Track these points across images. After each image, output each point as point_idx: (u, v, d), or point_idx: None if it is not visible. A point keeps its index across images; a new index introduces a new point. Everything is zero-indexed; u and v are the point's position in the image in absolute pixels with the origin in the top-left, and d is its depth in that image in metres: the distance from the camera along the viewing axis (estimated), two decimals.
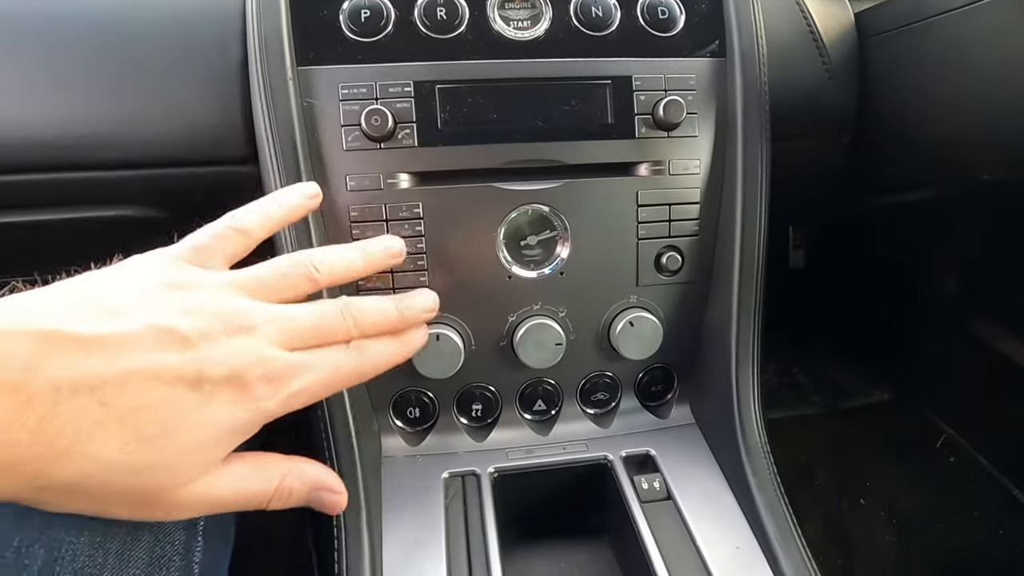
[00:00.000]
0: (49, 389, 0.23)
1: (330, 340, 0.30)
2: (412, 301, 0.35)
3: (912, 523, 0.71)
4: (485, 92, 0.41)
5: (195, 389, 0.25)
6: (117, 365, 0.24)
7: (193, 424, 0.25)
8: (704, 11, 0.44)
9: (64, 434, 0.23)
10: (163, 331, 0.25)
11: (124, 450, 0.24)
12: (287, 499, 0.30)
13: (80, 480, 0.24)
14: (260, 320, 0.28)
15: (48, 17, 0.43)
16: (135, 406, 0.24)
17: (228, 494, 0.28)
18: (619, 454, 0.45)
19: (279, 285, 0.30)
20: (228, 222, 0.32)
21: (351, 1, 0.40)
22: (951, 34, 0.44)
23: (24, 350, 0.23)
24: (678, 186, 0.44)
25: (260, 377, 0.27)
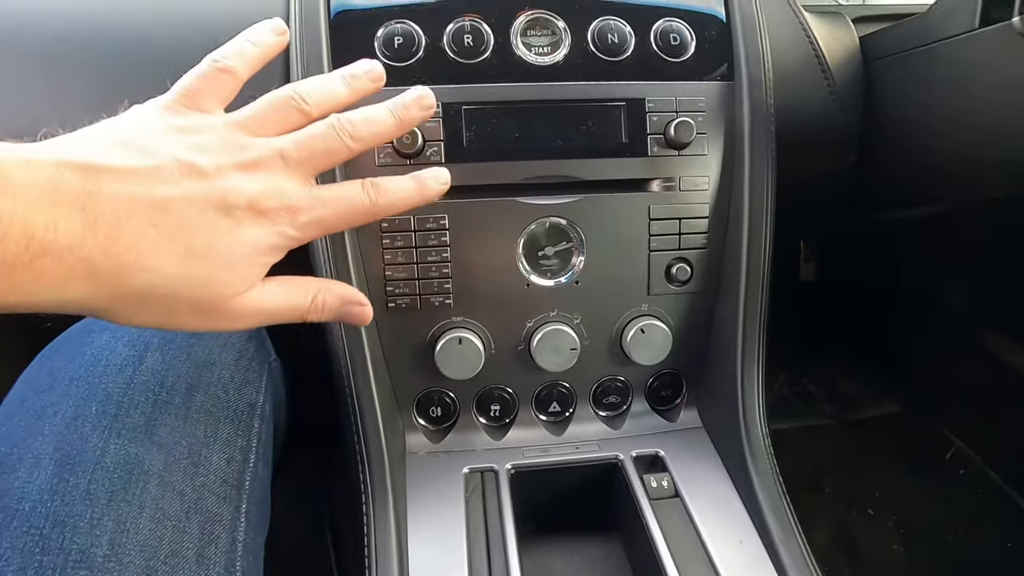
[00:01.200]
0: (110, 210, 0.25)
1: (331, 159, 0.32)
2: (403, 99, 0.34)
3: (920, 534, 0.71)
4: (508, 113, 0.43)
5: (225, 214, 0.28)
6: (156, 192, 0.26)
7: (231, 242, 0.28)
8: (713, 38, 0.46)
9: (130, 250, 0.26)
10: (185, 165, 0.28)
11: (180, 264, 0.27)
12: (321, 311, 0.33)
13: (150, 290, 0.27)
14: (262, 153, 0.30)
15: (106, 41, 0.45)
16: (180, 227, 0.27)
17: (273, 304, 0.31)
18: (630, 454, 0.47)
19: (271, 118, 0.31)
20: (210, 63, 0.32)
21: (385, 28, 0.43)
22: (952, 60, 0.46)
23: (80, 178, 0.25)
24: (688, 201, 0.46)
25: (277, 206, 0.29)
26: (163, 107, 0.30)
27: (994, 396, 0.72)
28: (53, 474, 0.29)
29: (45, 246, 0.23)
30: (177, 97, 0.31)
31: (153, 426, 0.32)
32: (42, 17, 0.45)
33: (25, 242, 0.23)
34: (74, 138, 0.27)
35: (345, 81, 0.34)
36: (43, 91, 0.44)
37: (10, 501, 0.28)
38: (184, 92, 0.31)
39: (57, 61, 0.45)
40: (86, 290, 0.25)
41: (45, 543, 0.27)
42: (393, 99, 0.34)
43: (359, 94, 0.35)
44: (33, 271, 0.23)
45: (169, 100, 0.31)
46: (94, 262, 0.25)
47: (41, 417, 0.31)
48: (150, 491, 0.30)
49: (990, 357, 0.71)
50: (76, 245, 0.24)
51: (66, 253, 0.24)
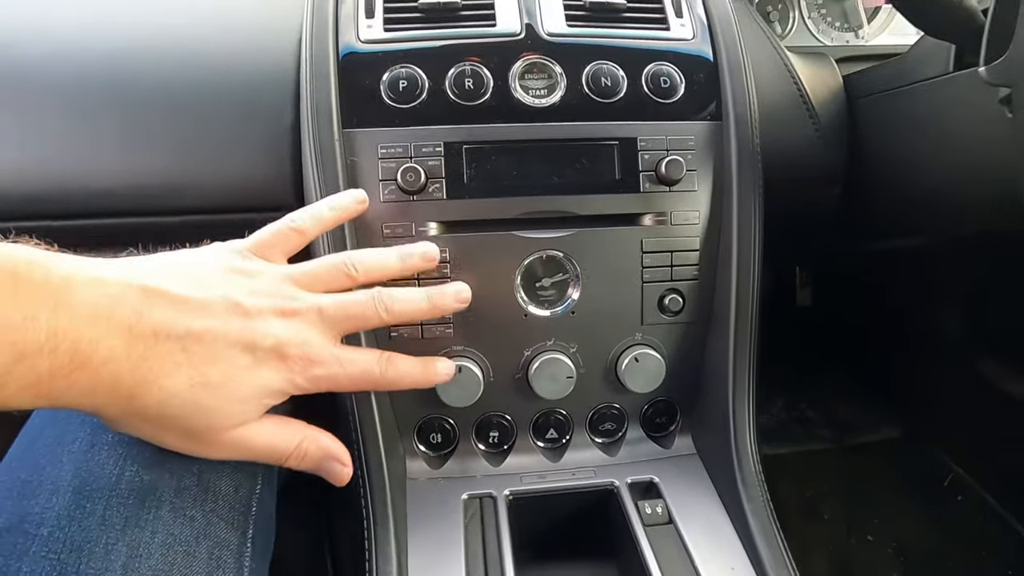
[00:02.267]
0: (151, 332, 0.28)
1: (362, 324, 0.35)
2: (443, 290, 0.39)
3: (919, 561, 0.71)
4: (506, 152, 0.45)
5: (249, 353, 0.31)
6: (199, 322, 0.30)
7: (243, 380, 0.31)
8: (702, 80, 0.48)
9: (152, 370, 0.28)
10: (233, 303, 0.31)
11: (191, 390, 0.29)
12: (302, 460, 0.35)
13: (156, 408, 0.29)
14: (302, 305, 0.33)
15: (129, 81, 0.48)
16: (206, 356, 0.30)
17: (260, 444, 0.33)
18: (625, 481, 0.47)
19: (322, 278, 0.35)
20: (287, 222, 0.37)
21: (391, 73, 0.45)
22: (929, 100, 0.48)
23: (135, 299, 0.28)
24: (679, 235, 0.47)
25: (298, 354, 0.32)
26: (234, 250, 0.35)
27: (992, 422, 0.73)
28: (71, 500, 0.30)
29: (85, 360, 0.26)
30: (249, 246, 0.36)
31: (165, 454, 0.34)
32: (62, 62, 0.48)
33: (71, 355, 0.25)
34: (143, 260, 0.31)
35: (400, 258, 0.39)
36: (62, 133, 0.47)
37: (29, 527, 0.29)
38: (256, 243, 0.36)
39: (76, 103, 0.47)
40: (105, 401, 0.28)
41: (63, 568, 0.28)
42: (433, 288, 0.39)
43: (410, 271, 0.40)
44: (68, 381, 0.26)
45: (242, 246, 0.35)
46: (120, 377, 0.27)
47: (60, 444, 0.33)
48: (162, 517, 0.32)
49: (988, 383, 0.72)
50: (111, 360, 0.27)
51: (101, 367, 0.27)
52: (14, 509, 0.30)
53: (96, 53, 0.48)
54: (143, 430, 0.31)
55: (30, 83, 0.47)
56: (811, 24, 0.69)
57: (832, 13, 0.69)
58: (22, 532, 0.29)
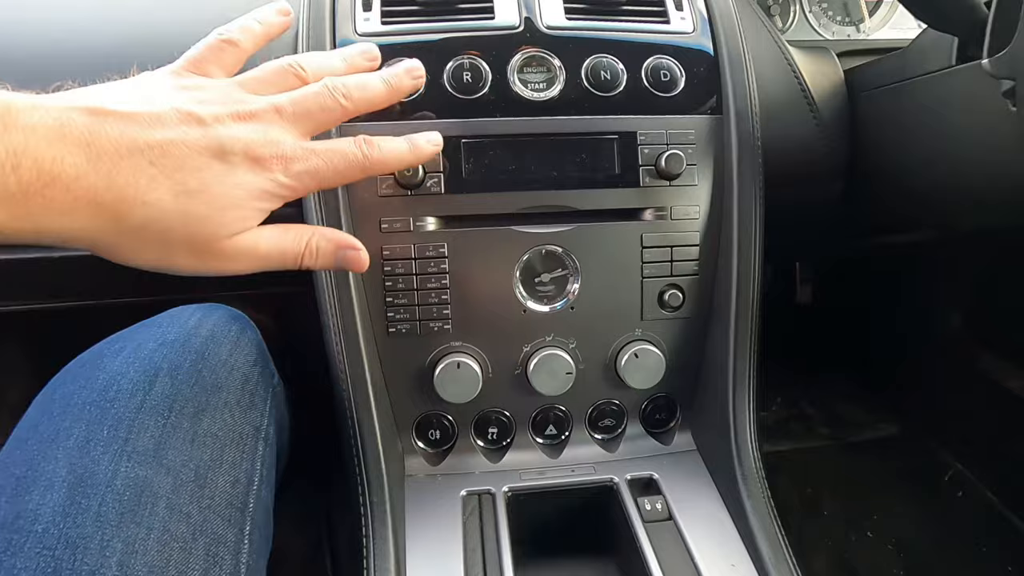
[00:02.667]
0: (111, 148, 0.27)
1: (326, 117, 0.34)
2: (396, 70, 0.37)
3: (919, 557, 0.71)
4: (505, 146, 0.45)
5: (220, 159, 0.30)
6: (156, 135, 0.29)
7: (226, 184, 0.30)
8: (702, 74, 0.48)
9: (129, 184, 0.28)
10: (184, 113, 0.30)
11: (176, 200, 0.29)
12: (316, 257, 0.34)
13: (148, 223, 0.29)
14: (259, 106, 0.32)
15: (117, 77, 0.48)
16: (176, 167, 0.29)
17: (267, 248, 0.33)
18: (624, 477, 0.47)
19: (272, 80, 0.34)
20: (215, 35, 0.35)
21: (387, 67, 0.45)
22: (930, 94, 0.48)
23: (82, 119, 0.27)
24: (679, 230, 0.47)
25: (271, 154, 0.31)
26: (170, 71, 0.33)
27: (992, 418, 0.73)
28: (66, 496, 0.30)
29: (54, 175, 0.26)
30: (184, 64, 0.33)
31: (162, 449, 0.33)
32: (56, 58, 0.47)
33: (36, 171, 0.25)
34: (84, 89, 0.30)
35: (343, 57, 0.37)
36: None
37: (24, 523, 0.29)
38: (190, 60, 0.34)
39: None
40: (92, 221, 0.28)
41: (57, 564, 0.28)
42: (386, 68, 0.37)
43: (353, 69, 0.37)
44: (44, 199, 0.26)
45: (176, 67, 0.33)
46: (97, 193, 0.27)
47: (55, 440, 0.33)
48: (158, 513, 0.31)
49: (987, 379, 0.72)
50: (81, 176, 0.27)
51: (72, 183, 0.26)
52: (8, 505, 0.30)
53: (89, 48, 0.48)
54: (149, 255, 0.30)
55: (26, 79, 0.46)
56: (812, 18, 0.68)
57: (833, 7, 0.69)
58: (17, 528, 0.29)
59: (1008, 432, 0.70)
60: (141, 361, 0.37)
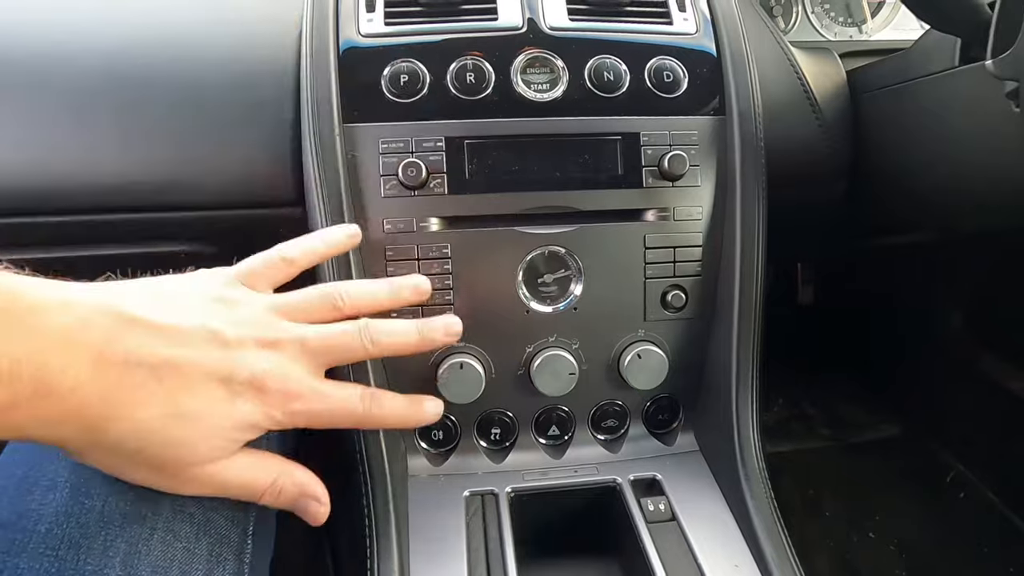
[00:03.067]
0: (122, 359, 0.27)
1: (346, 356, 0.34)
2: (432, 323, 0.37)
3: (920, 557, 0.71)
4: (508, 147, 0.45)
5: (225, 385, 0.30)
6: (176, 351, 0.29)
7: (219, 413, 0.30)
8: (705, 75, 0.48)
9: (125, 400, 0.27)
10: (211, 332, 0.30)
11: (163, 422, 0.28)
12: (277, 497, 0.33)
13: (125, 441, 0.28)
14: (284, 336, 0.32)
15: (126, 78, 0.48)
16: (181, 386, 0.28)
17: (233, 480, 0.32)
18: (627, 478, 0.47)
19: (308, 309, 0.34)
20: (277, 252, 0.36)
21: (391, 67, 0.45)
22: (933, 96, 0.48)
23: (107, 324, 0.27)
24: (682, 231, 0.47)
25: (276, 388, 0.31)
26: (219, 278, 0.34)
27: (993, 419, 0.73)
28: (69, 496, 0.30)
29: (49, 388, 0.25)
30: (236, 273, 0.34)
31: None
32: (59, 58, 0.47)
33: (33, 384, 0.24)
34: (122, 285, 0.30)
35: (390, 291, 0.37)
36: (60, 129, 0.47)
37: (27, 523, 0.29)
38: (243, 272, 0.35)
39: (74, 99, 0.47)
40: (71, 432, 0.27)
41: (61, 564, 0.28)
42: (424, 320, 0.37)
43: (400, 304, 0.38)
44: (31, 411, 0.25)
45: (228, 273, 0.34)
46: (88, 406, 0.26)
47: None
48: (161, 513, 0.31)
49: (989, 380, 0.72)
50: (78, 388, 0.26)
51: (67, 396, 0.25)
52: (11, 505, 0.30)
53: (94, 48, 0.48)
54: (110, 463, 0.30)
55: (28, 79, 0.47)
56: (815, 19, 0.68)
57: (836, 8, 0.69)
58: (20, 528, 0.29)
59: (1010, 433, 0.70)
60: None
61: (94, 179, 0.47)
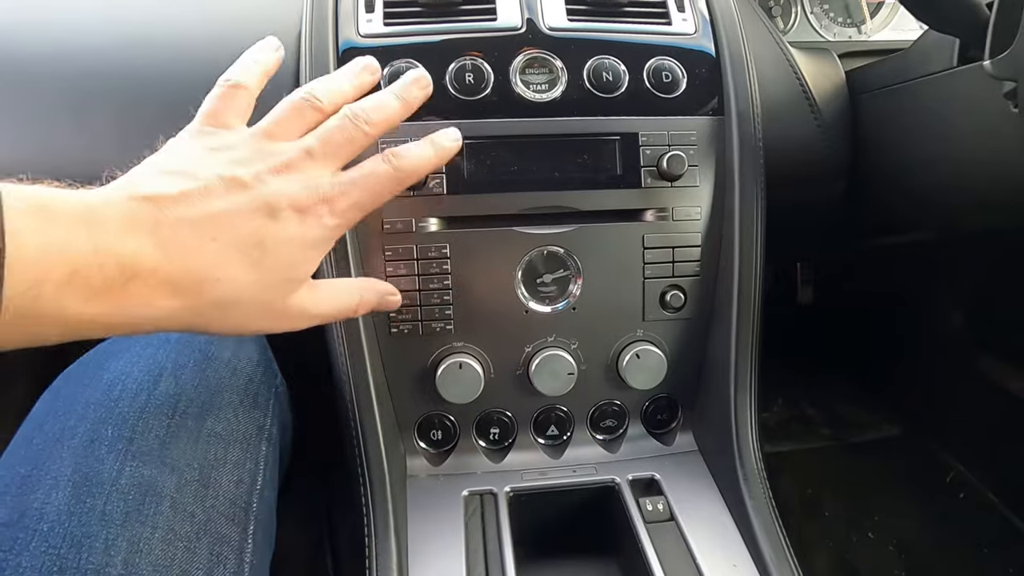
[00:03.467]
0: (175, 233, 0.28)
1: (353, 148, 0.35)
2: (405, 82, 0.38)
3: (921, 558, 0.71)
4: (507, 147, 0.45)
5: (271, 217, 0.31)
6: (209, 209, 0.30)
7: (281, 243, 0.31)
8: (704, 75, 0.48)
9: (201, 265, 0.29)
10: (227, 180, 0.31)
11: (243, 271, 0.30)
12: (367, 307, 0.38)
13: (224, 298, 0.30)
14: (291, 155, 0.33)
15: (125, 78, 0.47)
16: (235, 236, 0.30)
17: (330, 307, 0.35)
18: (626, 477, 0.47)
19: (292, 122, 0.34)
20: (222, 83, 0.36)
21: (390, 67, 0.45)
22: (931, 96, 0.48)
23: (145, 209, 0.28)
24: (681, 231, 0.47)
25: (315, 201, 0.32)
26: (194, 132, 0.34)
27: (993, 419, 0.73)
28: (71, 495, 0.30)
29: (135, 271, 0.27)
30: (203, 119, 0.34)
31: (166, 449, 0.34)
32: (57, 57, 0.47)
33: (118, 269, 0.26)
34: (133, 175, 0.31)
35: (349, 78, 0.38)
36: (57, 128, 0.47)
37: (30, 521, 0.29)
38: (207, 114, 0.34)
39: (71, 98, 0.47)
40: (173, 306, 0.29)
41: (62, 563, 0.28)
42: (394, 83, 0.38)
43: (363, 88, 0.39)
44: (128, 294, 0.27)
45: (196, 125, 0.34)
46: (173, 280, 0.28)
47: (60, 440, 0.33)
48: (163, 512, 0.32)
49: (988, 381, 0.72)
50: (158, 267, 0.28)
51: (150, 276, 0.27)
52: (14, 504, 0.30)
53: (93, 48, 0.48)
54: (230, 324, 0.32)
55: (25, 78, 0.47)
56: (813, 19, 0.68)
57: (835, 8, 0.69)
58: (22, 527, 0.29)
59: (1009, 433, 0.70)
60: (145, 361, 0.37)
61: (91, 179, 0.47)
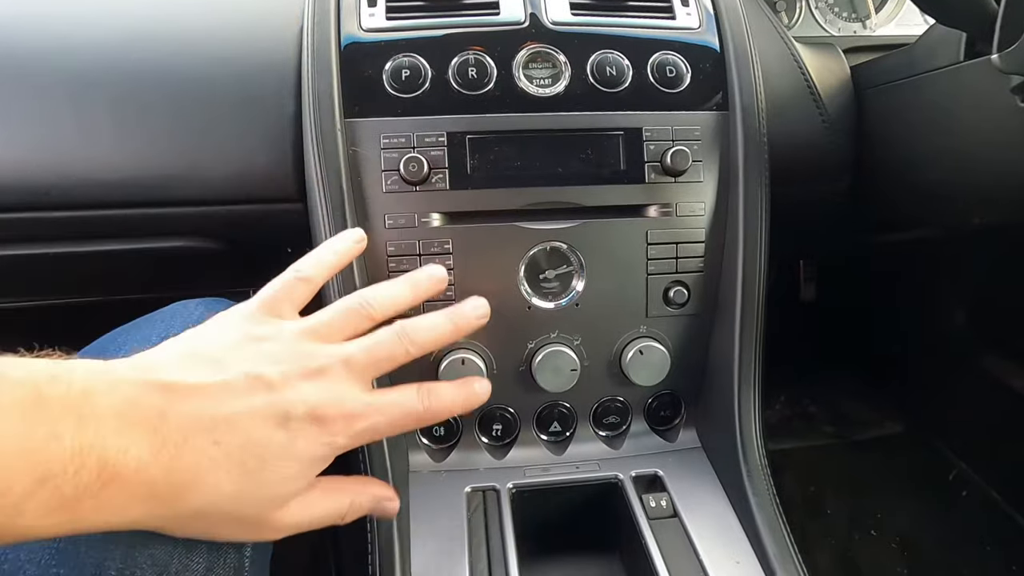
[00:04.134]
0: (178, 432, 0.26)
1: (391, 364, 0.33)
2: (462, 309, 0.37)
3: (923, 556, 0.71)
4: (510, 142, 0.45)
5: (283, 427, 0.29)
6: (225, 408, 0.28)
7: (283, 457, 0.29)
8: (708, 70, 0.48)
9: (189, 470, 0.27)
10: (254, 378, 0.29)
11: (234, 482, 0.28)
12: (357, 513, 0.34)
13: (202, 508, 0.28)
14: (328, 362, 0.31)
15: (127, 72, 0.47)
16: (240, 443, 0.28)
17: (315, 515, 0.32)
18: (629, 474, 0.47)
19: (341, 326, 0.33)
20: (292, 273, 0.35)
21: (393, 62, 0.45)
22: (937, 91, 0.47)
23: (156, 399, 0.27)
24: (684, 226, 0.47)
25: (336, 414, 0.30)
26: (245, 315, 0.33)
27: (996, 417, 0.73)
28: None
29: (116, 472, 0.25)
30: (258, 305, 0.33)
31: None
32: (59, 51, 0.47)
33: (97, 471, 0.24)
34: (158, 353, 0.30)
35: (411, 287, 0.37)
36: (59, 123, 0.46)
37: None
38: (265, 301, 0.34)
39: (74, 93, 0.46)
40: (142, 512, 0.26)
41: (61, 556, 0.28)
42: (452, 308, 0.37)
43: (422, 299, 0.38)
44: (99, 499, 0.24)
45: (251, 308, 0.33)
46: (155, 484, 0.26)
47: None
48: None
49: (991, 378, 0.72)
50: (142, 468, 0.25)
51: (132, 476, 0.25)
52: None
53: (95, 42, 0.48)
54: (193, 529, 0.29)
55: (27, 72, 0.46)
56: (818, 14, 0.68)
57: (839, 3, 0.68)
58: None
59: (1012, 431, 0.70)
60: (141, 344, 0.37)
61: (92, 174, 0.47)
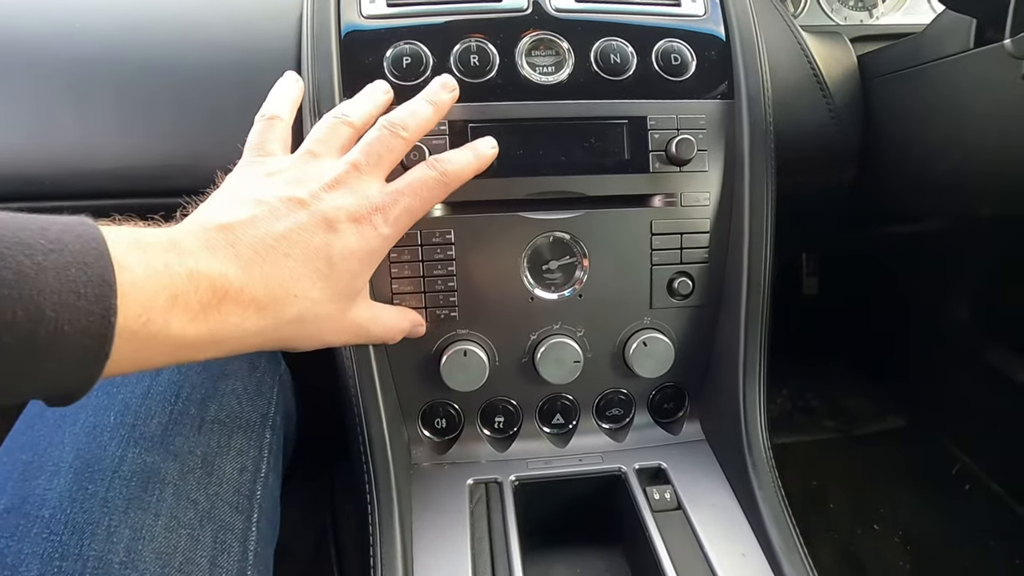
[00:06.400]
0: (252, 253, 0.30)
1: (394, 155, 0.37)
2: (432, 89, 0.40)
3: (926, 550, 0.71)
4: (513, 130, 0.44)
5: (332, 231, 0.33)
6: (278, 228, 0.32)
7: (345, 255, 0.33)
8: (713, 58, 0.47)
9: (278, 282, 0.31)
10: (287, 200, 0.33)
11: (315, 286, 0.32)
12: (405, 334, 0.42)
13: (301, 314, 0.32)
14: (338, 169, 0.35)
15: (126, 60, 0.47)
16: (306, 252, 0.32)
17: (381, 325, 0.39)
18: (633, 467, 0.47)
19: (331, 141, 0.37)
20: (259, 119, 0.39)
21: (394, 49, 0.44)
22: (946, 79, 0.47)
23: (221, 236, 0.30)
24: (689, 217, 0.47)
25: (369, 210, 0.34)
26: (246, 164, 0.37)
27: (999, 411, 0.72)
28: (72, 482, 0.30)
29: (225, 291, 0.29)
30: (250, 152, 0.37)
31: (169, 436, 0.33)
32: (59, 40, 0.47)
33: (211, 290, 0.28)
34: (201, 211, 0.33)
35: (370, 99, 0.41)
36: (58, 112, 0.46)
37: (31, 508, 0.29)
38: (253, 147, 0.38)
39: (73, 81, 0.46)
40: (262, 324, 0.30)
41: (64, 549, 0.28)
42: (424, 90, 0.40)
43: (383, 106, 0.41)
44: (221, 313, 0.29)
45: (247, 157, 0.37)
46: (258, 298, 0.30)
47: (61, 426, 0.32)
48: (165, 499, 0.31)
49: (994, 372, 0.71)
50: (243, 286, 0.29)
51: (239, 294, 0.29)
52: (15, 490, 0.30)
53: (94, 31, 0.48)
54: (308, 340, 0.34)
55: (27, 61, 0.46)
56: (824, 3, 0.67)
57: None
58: (23, 514, 0.29)
59: (1016, 425, 0.70)
60: None
61: (91, 163, 0.46)
